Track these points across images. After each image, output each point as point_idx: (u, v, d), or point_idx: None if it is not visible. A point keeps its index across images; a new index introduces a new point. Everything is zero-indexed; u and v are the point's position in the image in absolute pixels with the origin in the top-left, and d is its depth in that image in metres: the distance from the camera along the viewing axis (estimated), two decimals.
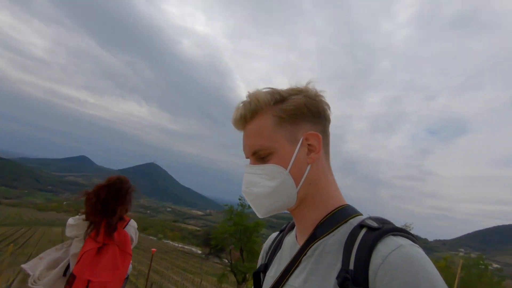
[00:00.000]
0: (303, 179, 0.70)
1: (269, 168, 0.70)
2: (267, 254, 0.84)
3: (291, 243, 0.74)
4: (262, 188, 0.70)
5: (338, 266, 0.66)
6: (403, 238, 0.64)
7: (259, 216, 0.72)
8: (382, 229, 0.65)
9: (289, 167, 0.70)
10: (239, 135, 0.74)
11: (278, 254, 0.78)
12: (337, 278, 0.65)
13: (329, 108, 0.72)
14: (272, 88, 0.72)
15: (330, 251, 0.67)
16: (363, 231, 0.66)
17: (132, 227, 2.05)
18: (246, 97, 0.72)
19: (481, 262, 19.70)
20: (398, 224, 0.70)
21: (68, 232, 1.87)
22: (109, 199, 1.90)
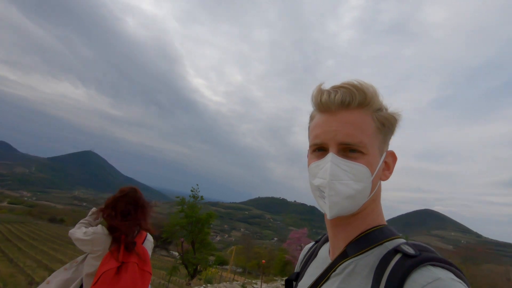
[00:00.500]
0: (373, 193, 0.67)
1: (360, 168, 0.65)
2: (300, 263, 0.83)
3: (324, 256, 0.72)
4: (346, 188, 0.65)
5: None
6: (444, 270, 0.59)
7: (329, 215, 0.66)
8: (420, 257, 0.61)
9: (373, 175, 0.66)
10: (188, 124, 0.60)
11: (312, 265, 0.76)
12: None
13: None
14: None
15: (360, 272, 0.64)
16: (397, 256, 0.62)
17: (150, 242, 1.82)
18: (350, 85, 0.65)
19: None
20: None
21: (81, 245, 1.62)
22: (130, 210, 1.71)
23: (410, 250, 0.62)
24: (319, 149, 0.66)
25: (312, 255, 0.81)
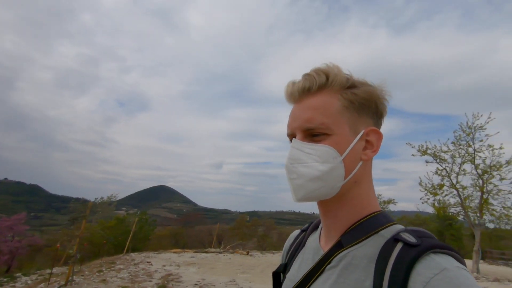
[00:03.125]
0: (352, 174, 0.63)
1: (324, 149, 0.62)
2: (287, 254, 0.80)
3: (315, 246, 0.69)
4: (309, 169, 0.62)
5: (367, 283, 0.55)
6: (446, 257, 0.53)
7: (295, 199, 0.64)
8: (422, 246, 0.53)
9: (344, 155, 0.62)
10: None
11: (300, 255, 0.73)
12: None
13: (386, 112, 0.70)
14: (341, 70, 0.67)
15: (359, 264, 0.58)
16: (399, 246, 0.55)
17: None
18: (313, 70, 0.66)
19: (143, 216, 25.13)
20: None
21: None
22: None
23: (412, 239, 0.55)
24: (292, 140, 0.67)
25: (300, 245, 0.76)
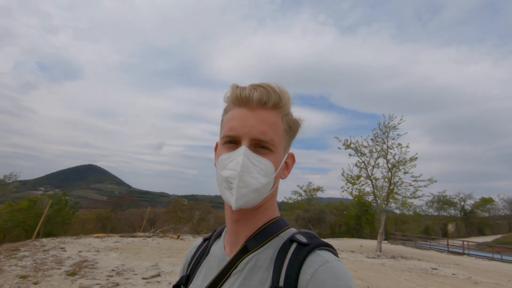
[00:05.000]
0: (273, 189, 0.71)
1: (267, 164, 0.68)
2: (189, 265, 0.81)
3: (220, 254, 0.74)
4: (255, 181, 0.66)
5: (269, 281, 0.63)
6: (328, 253, 0.65)
7: (235, 205, 0.66)
8: (311, 245, 0.65)
9: (276, 172, 0.70)
10: None
11: (204, 264, 0.76)
12: None
13: None
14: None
15: (262, 265, 0.66)
16: (293, 246, 0.66)
17: None
18: (268, 87, 0.69)
19: (63, 198, 22.58)
20: None
21: None
22: None
23: (303, 239, 0.66)
24: (231, 142, 0.69)
25: (203, 254, 0.79)
